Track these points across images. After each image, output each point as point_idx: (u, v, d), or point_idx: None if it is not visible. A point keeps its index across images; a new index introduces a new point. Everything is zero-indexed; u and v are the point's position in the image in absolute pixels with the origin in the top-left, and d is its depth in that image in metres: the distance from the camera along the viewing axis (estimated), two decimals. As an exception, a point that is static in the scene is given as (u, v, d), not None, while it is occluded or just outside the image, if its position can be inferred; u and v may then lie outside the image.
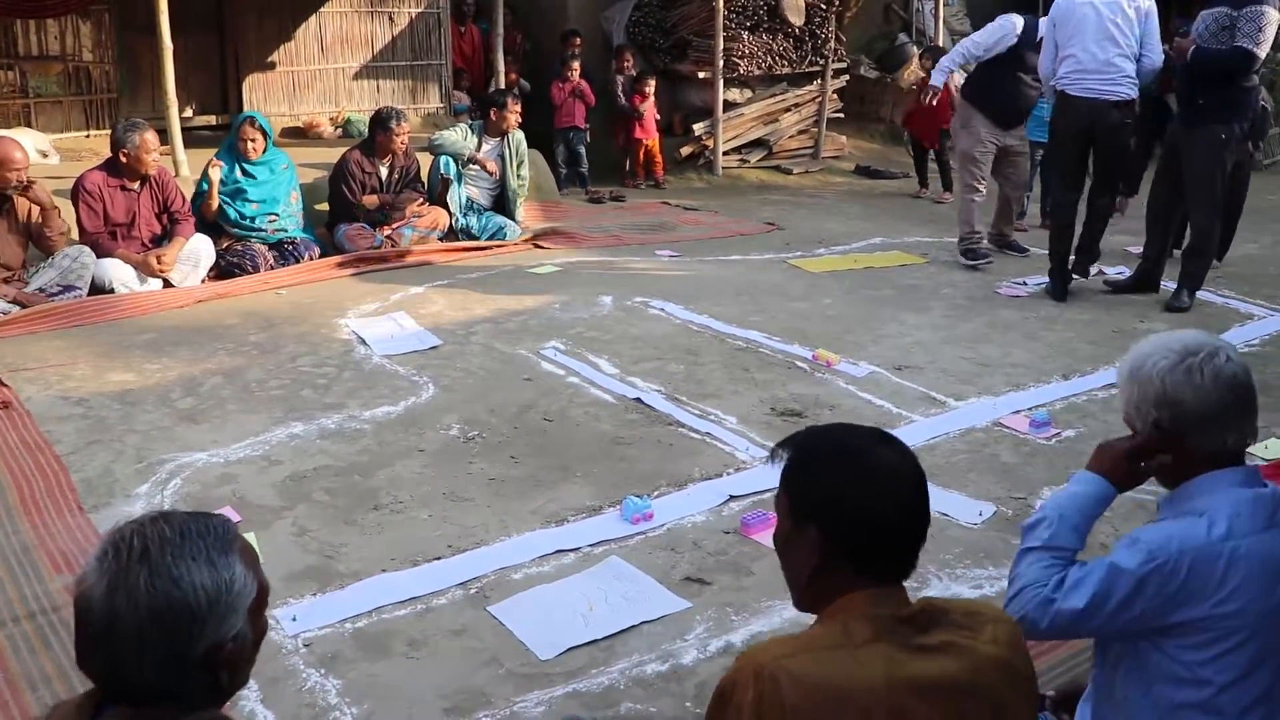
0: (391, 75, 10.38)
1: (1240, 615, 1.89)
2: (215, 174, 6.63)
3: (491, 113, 7.83)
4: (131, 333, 5.53)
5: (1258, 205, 5.85)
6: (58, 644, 2.89)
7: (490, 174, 7.72)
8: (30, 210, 5.88)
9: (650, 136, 10.39)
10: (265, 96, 9.77)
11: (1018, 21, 7.21)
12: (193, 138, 8.22)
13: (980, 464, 4.20)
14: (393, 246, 7.18)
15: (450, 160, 7.60)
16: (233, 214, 6.70)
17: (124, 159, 6.13)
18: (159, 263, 6.17)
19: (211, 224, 6.70)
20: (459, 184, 7.63)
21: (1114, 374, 5.14)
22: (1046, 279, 6.64)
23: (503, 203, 7.91)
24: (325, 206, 7.37)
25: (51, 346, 5.29)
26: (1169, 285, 6.54)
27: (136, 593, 1.38)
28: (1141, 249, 6.85)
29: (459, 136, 7.70)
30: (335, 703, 2.74)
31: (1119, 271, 7.10)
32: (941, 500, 3.86)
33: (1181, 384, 1.95)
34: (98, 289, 6.04)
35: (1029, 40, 7.16)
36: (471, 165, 7.67)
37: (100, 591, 1.39)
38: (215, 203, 6.62)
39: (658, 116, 10.47)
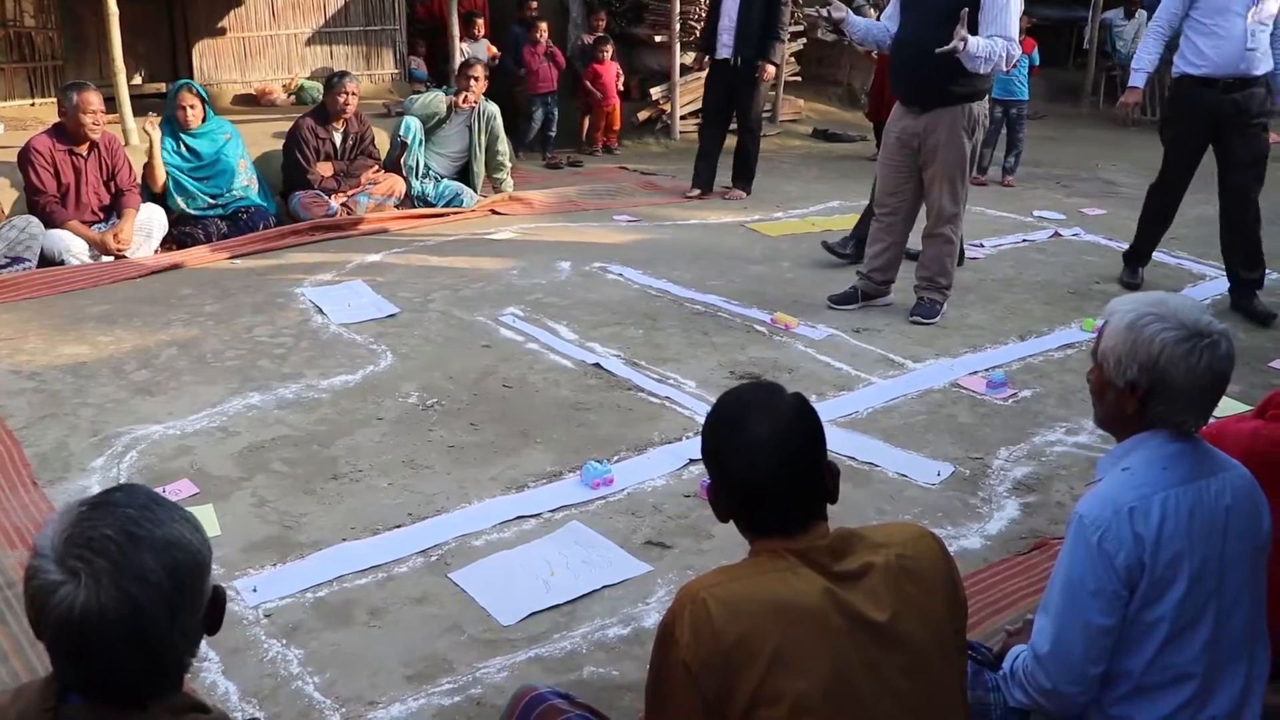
0: (345, 40, 10.23)
1: (1174, 565, 1.95)
2: (155, 132, 6.52)
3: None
4: (84, 305, 5.44)
5: (1213, 169, 5.84)
6: (14, 619, 2.86)
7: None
8: None
9: (610, 102, 10.31)
10: (216, 63, 9.61)
11: None
12: (142, 106, 8.06)
13: (938, 425, 4.24)
14: (348, 214, 7.11)
15: (411, 123, 7.53)
16: (189, 190, 6.64)
17: (63, 118, 6.04)
18: (116, 240, 6.08)
19: (162, 200, 6.59)
20: (419, 148, 7.56)
21: (1070, 335, 5.22)
22: (1003, 240, 6.68)
23: (467, 174, 7.84)
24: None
25: (0, 320, 5.20)
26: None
27: (152, 575, 1.34)
28: None
29: (429, 96, 7.73)
30: (297, 672, 2.73)
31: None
32: (899, 461, 3.91)
33: (1178, 361, 1.96)
34: (48, 260, 5.94)
35: None
36: (441, 128, 7.64)
37: (112, 597, 1.32)
38: (159, 165, 6.51)
39: (621, 88, 10.38)
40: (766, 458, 1.78)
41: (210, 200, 6.69)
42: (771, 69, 8.15)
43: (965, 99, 5.12)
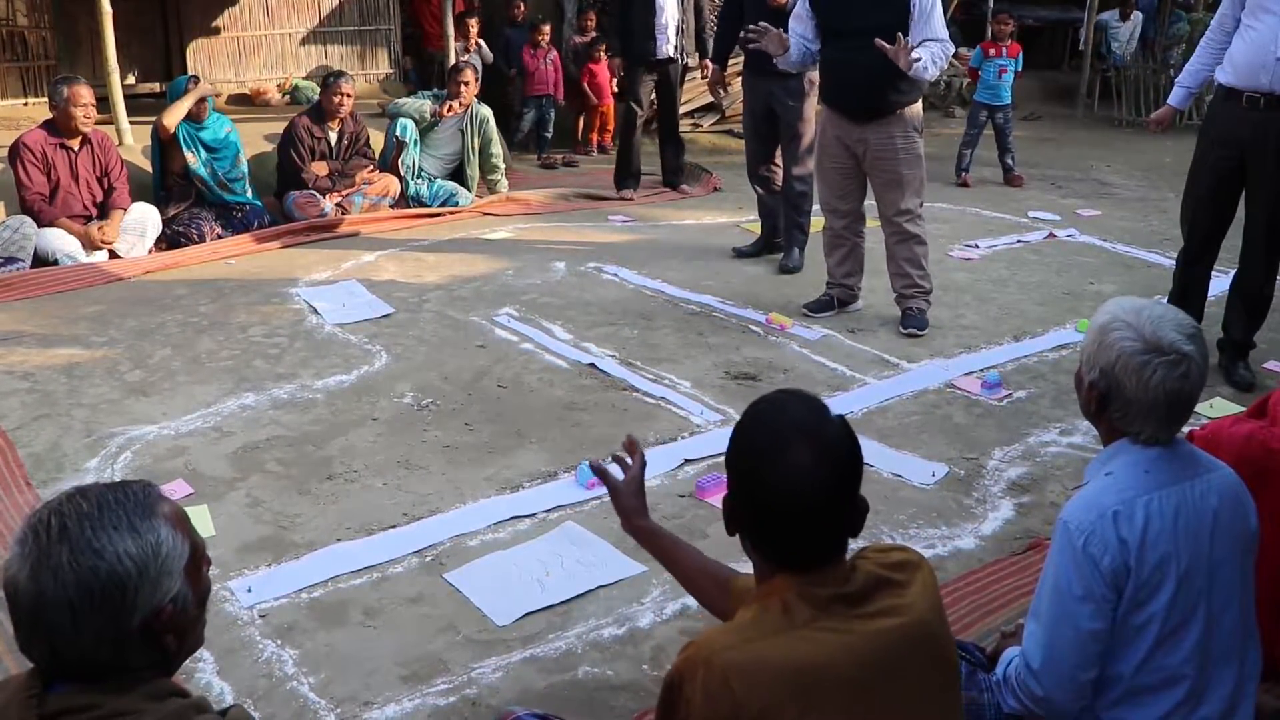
0: (340, 40, 10.22)
1: (1161, 568, 1.96)
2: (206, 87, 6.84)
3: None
4: (77, 305, 5.43)
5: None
6: (8, 621, 2.86)
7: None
8: None
9: (605, 103, 10.31)
10: (210, 63, 9.59)
11: None
12: (136, 106, 8.05)
13: (933, 425, 4.24)
14: (343, 214, 7.10)
15: (408, 124, 7.52)
16: (210, 172, 6.74)
17: (54, 113, 6.03)
18: (101, 234, 6.07)
19: (182, 177, 6.68)
20: (415, 149, 7.55)
21: (1065, 336, 5.23)
22: (997, 241, 6.67)
23: (460, 177, 7.83)
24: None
25: (-5, 319, 5.19)
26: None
27: (61, 572, 1.37)
28: None
29: (416, 101, 7.70)
30: (292, 673, 2.73)
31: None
32: (894, 461, 3.91)
33: (1131, 372, 1.98)
34: (41, 260, 5.93)
35: None
36: (434, 130, 7.63)
37: (24, 576, 1.38)
38: (182, 109, 6.58)
39: (615, 91, 10.38)
40: (807, 490, 1.63)
41: (230, 182, 6.83)
42: (710, 63, 8.10)
43: (912, 103, 5.10)
